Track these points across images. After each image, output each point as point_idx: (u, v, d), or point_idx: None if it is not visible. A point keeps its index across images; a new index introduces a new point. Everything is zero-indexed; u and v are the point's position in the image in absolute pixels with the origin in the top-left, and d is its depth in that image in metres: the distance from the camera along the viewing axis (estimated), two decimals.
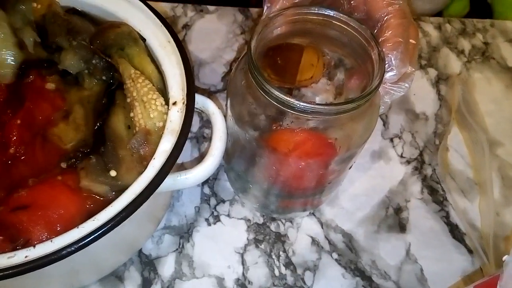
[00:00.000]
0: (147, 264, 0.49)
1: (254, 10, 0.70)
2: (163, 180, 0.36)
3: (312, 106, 0.34)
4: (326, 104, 0.34)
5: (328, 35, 0.40)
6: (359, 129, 0.40)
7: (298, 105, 0.34)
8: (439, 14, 0.92)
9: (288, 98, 0.34)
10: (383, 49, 0.37)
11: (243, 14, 0.70)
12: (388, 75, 0.39)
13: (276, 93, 0.34)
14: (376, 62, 0.37)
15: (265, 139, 0.39)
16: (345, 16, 0.39)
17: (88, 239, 0.32)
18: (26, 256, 0.32)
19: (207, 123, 0.59)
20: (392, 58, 0.38)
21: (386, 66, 0.37)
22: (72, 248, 0.32)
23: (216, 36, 0.67)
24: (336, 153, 0.40)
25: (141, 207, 0.35)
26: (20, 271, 0.31)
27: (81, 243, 0.32)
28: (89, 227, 0.33)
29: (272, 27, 0.38)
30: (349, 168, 0.45)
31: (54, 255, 0.31)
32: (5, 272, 0.31)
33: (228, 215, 0.53)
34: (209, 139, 0.58)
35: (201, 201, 0.54)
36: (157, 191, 0.36)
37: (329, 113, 0.35)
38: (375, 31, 0.39)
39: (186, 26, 0.68)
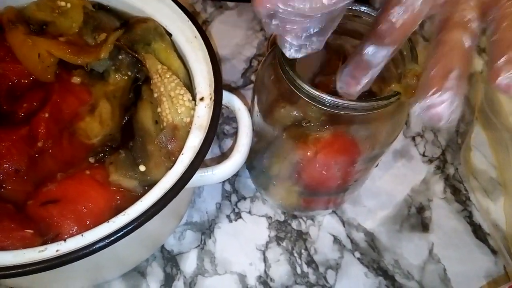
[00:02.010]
0: (169, 259, 0.48)
1: None
2: (193, 176, 0.35)
3: (344, 102, 0.34)
4: (358, 100, 0.34)
5: (358, 31, 0.40)
6: (388, 128, 0.39)
7: (329, 101, 0.34)
8: None
9: (320, 94, 0.34)
10: None
11: None
12: None
13: (307, 88, 0.34)
14: (408, 60, 0.36)
15: (293, 135, 0.39)
16: (375, 12, 0.38)
17: (119, 234, 0.32)
18: (57, 250, 0.32)
19: (227, 119, 0.59)
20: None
21: None
22: (104, 243, 0.32)
23: (235, 33, 0.67)
24: (364, 151, 0.39)
25: None
26: (51, 265, 0.31)
27: (112, 238, 0.32)
28: (120, 222, 0.33)
29: None
30: (376, 167, 0.44)
31: (85, 250, 0.31)
32: (36, 266, 0.31)
33: (249, 212, 0.53)
34: (230, 135, 0.58)
35: (222, 198, 0.53)
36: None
37: (361, 110, 0.35)
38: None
39: (206, 22, 0.67)
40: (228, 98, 0.42)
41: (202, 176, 0.39)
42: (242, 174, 0.55)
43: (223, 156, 0.57)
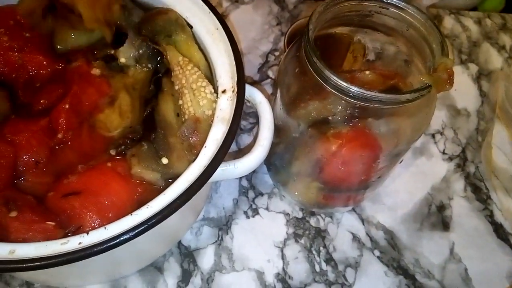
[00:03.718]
0: (187, 255, 0.48)
1: (290, 1, 0.69)
2: (216, 169, 0.35)
3: (373, 94, 0.33)
4: (388, 92, 0.33)
5: (384, 25, 0.39)
6: (415, 123, 0.38)
7: (358, 93, 0.33)
8: (474, 9, 0.90)
9: (349, 85, 0.33)
10: None
11: (279, 5, 0.69)
12: None
13: (335, 79, 0.33)
14: (438, 53, 0.35)
15: (318, 129, 0.38)
16: (403, 3, 0.37)
17: (143, 227, 0.31)
18: (79, 243, 0.31)
19: (244, 114, 0.58)
20: None
21: None
22: (128, 236, 0.31)
23: (251, 27, 0.66)
24: (390, 146, 0.38)
25: None
26: (74, 258, 0.30)
27: (136, 231, 0.31)
28: (143, 215, 0.32)
29: (329, 13, 0.37)
30: (400, 163, 0.43)
31: (109, 243, 0.31)
32: (59, 259, 0.30)
33: (267, 209, 0.52)
34: (247, 131, 0.57)
35: (239, 194, 0.53)
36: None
37: (390, 103, 0.34)
38: None
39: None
40: (250, 91, 0.41)
41: (224, 170, 0.38)
42: (259, 170, 0.54)
43: (240, 151, 0.56)
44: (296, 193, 0.49)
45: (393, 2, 0.38)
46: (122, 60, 0.42)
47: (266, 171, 0.53)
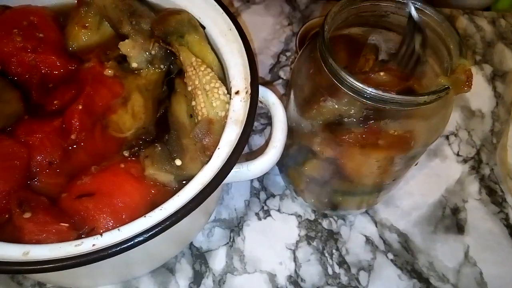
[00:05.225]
0: (198, 257, 0.47)
1: (301, 1, 0.69)
2: (230, 171, 0.34)
3: (390, 95, 0.32)
4: (405, 94, 0.32)
5: (400, 25, 0.38)
6: (432, 125, 0.38)
7: (374, 94, 0.32)
8: (487, 9, 0.89)
9: (364, 86, 0.32)
10: None
11: (290, 5, 0.68)
12: None
13: (351, 80, 0.33)
14: (456, 54, 0.34)
15: (332, 131, 0.38)
16: (420, 4, 0.37)
17: (157, 229, 0.31)
18: (93, 245, 0.31)
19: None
20: None
21: None
22: (142, 238, 0.31)
23: (263, 28, 0.66)
24: (406, 149, 0.38)
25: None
26: (88, 260, 0.30)
27: (150, 233, 0.31)
28: (157, 217, 0.32)
29: (344, 14, 0.37)
30: (415, 165, 0.43)
31: (123, 245, 0.30)
32: (74, 261, 0.30)
33: (279, 210, 0.51)
34: (258, 132, 0.57)
35: (250, 195, 0.52)
36: None
37: (407, 104, 0.33)
38: None
39: None
40: (263, 92, 0.41)
41: (237, 172, 0.38)
42: (271, 171, 0.54)
43: (252, 153, 0.55)
44: (309, 195, 0.49)
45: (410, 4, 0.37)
46: (134, 65, 0.41)
47: (278, 173, 0.53)
